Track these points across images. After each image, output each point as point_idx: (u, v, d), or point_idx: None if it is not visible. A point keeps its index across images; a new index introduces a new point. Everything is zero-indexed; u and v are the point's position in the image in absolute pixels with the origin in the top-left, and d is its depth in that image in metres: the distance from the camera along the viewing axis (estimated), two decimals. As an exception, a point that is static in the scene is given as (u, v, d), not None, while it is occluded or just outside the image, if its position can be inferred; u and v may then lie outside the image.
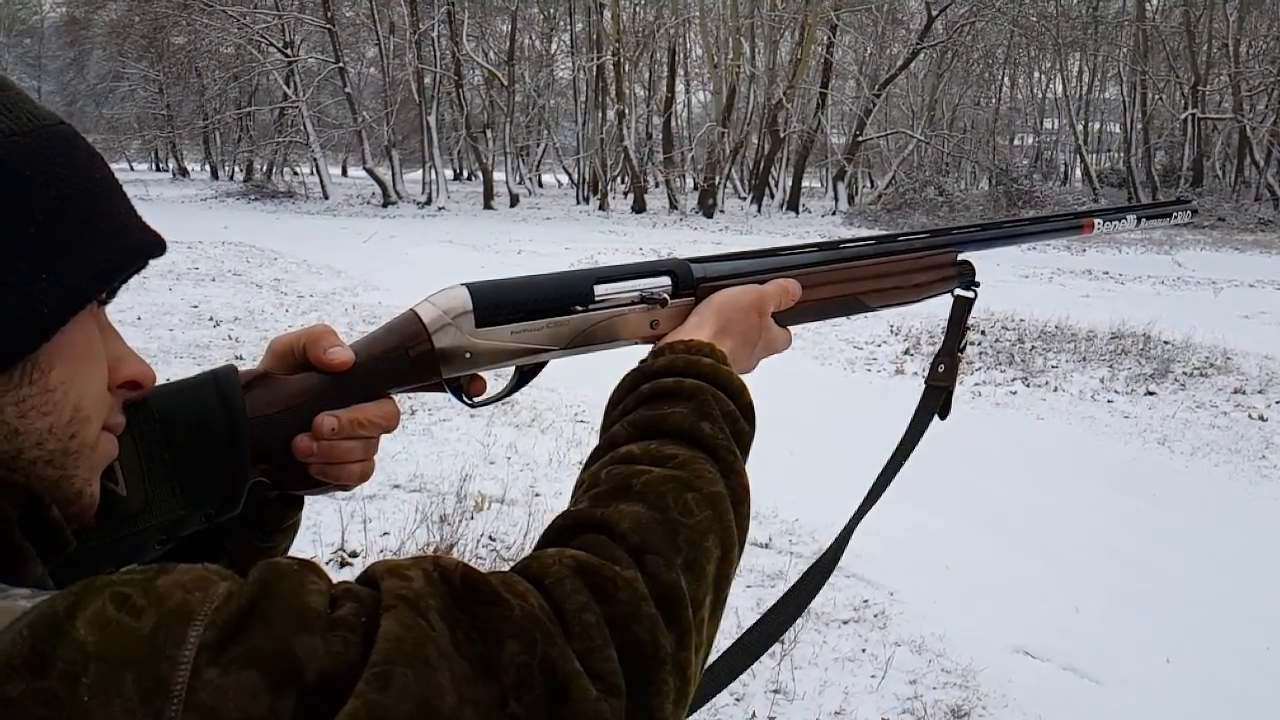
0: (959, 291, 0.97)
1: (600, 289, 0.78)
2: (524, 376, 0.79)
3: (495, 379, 0.78)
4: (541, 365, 0.78)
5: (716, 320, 0.78)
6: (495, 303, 0.73)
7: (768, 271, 0.85)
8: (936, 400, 0.97)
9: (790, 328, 0.87)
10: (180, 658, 0.40)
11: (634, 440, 0.64)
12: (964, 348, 0.97)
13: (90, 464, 0.55)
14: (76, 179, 0.52)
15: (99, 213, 0.53)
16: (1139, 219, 1.08)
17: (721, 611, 0.59)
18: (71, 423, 0.52)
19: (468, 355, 0.73)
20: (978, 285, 0.97)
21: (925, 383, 0.97)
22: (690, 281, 0.81)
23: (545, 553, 0.54)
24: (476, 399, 0.77)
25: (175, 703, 0.39)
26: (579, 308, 0.76)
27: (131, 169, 42.04)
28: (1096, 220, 1.04)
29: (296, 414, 0.66)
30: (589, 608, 0.50)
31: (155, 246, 0.57)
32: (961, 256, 0.96)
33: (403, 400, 0.74)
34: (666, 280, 0.81)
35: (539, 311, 0.75)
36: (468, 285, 0.73)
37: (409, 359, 0.71)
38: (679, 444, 0.63)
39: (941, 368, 0.96)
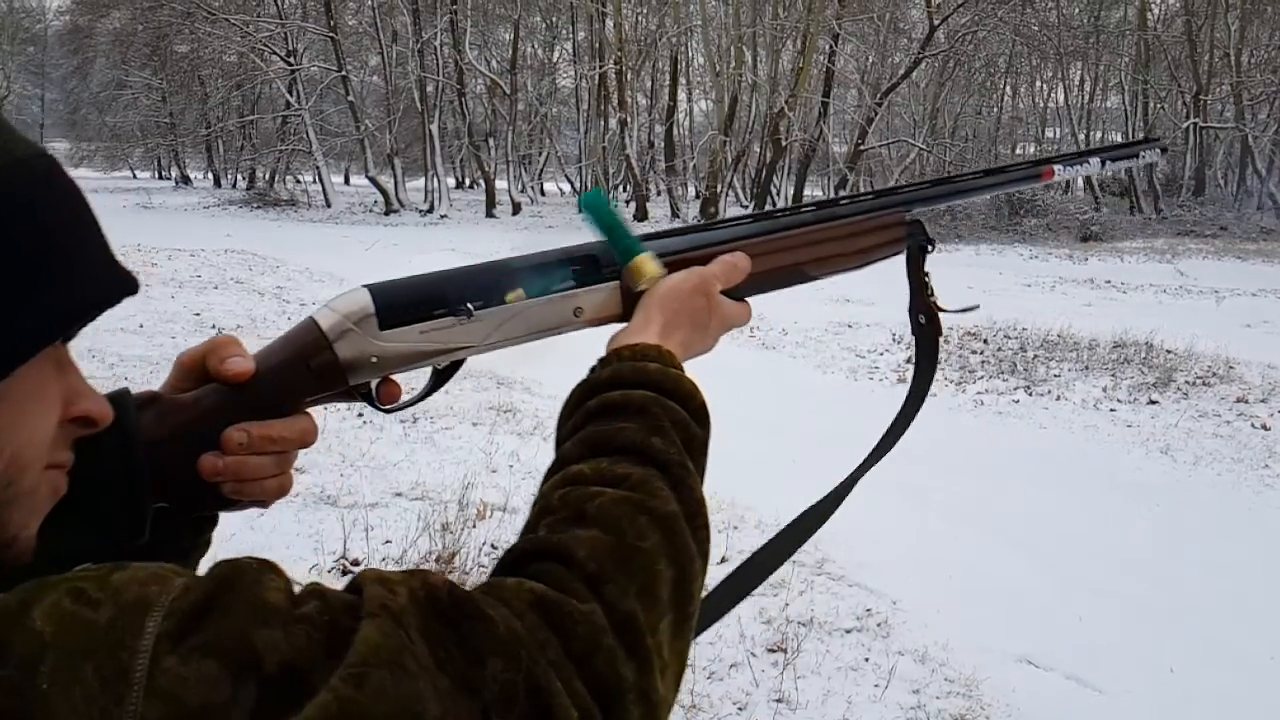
0: (913, 245, 0.93)
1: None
2: (440, 376, 0.76)
3: (415, 380, 0.74)
4: (459, 363, 0.75)
5: (661, 314, 0.75)
6: (400, 303, 0.70)
7: (697, 248, 0.82)
8: (933, 348, 0.94)
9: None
10: (139, 647, 0.41)
11: (585, 459, 0.63)
12: (932, 291, 0.93)
13: (29, 508, 0.52)
14: (49, 215, 0.50)
15: (69, 251, 0.51)
16: (1103, 161, 1.02)
17: (688, 626, 0.59)
18: (8, 471, 0.50)
19: (374, 360, 0.69)
20: (933, 243, 0.92)
21: (913, 334, 0.94)
22: (611, 264, 0.78)
23: (505, 583, 0.53)
24: (390, 405, 0.74)
25: (136, 689, 0.40)
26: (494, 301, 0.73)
27: (134, 177, 42.13)
28: (1057, 166, 0.99)
29: (198, 432, 0.63)
30: (549, 644, 0.50)
31: (125, 286, 0.54)
32: (912, 215, 0.92)
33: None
34: (585, 266, 0.78)
35: (449, 309, 0.72)
36: (369, 286, 0.70)
37: (310, 369, 0.67)
38: (630, 461, 0.62)
39: (922, 319, 0.93)
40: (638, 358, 0.69)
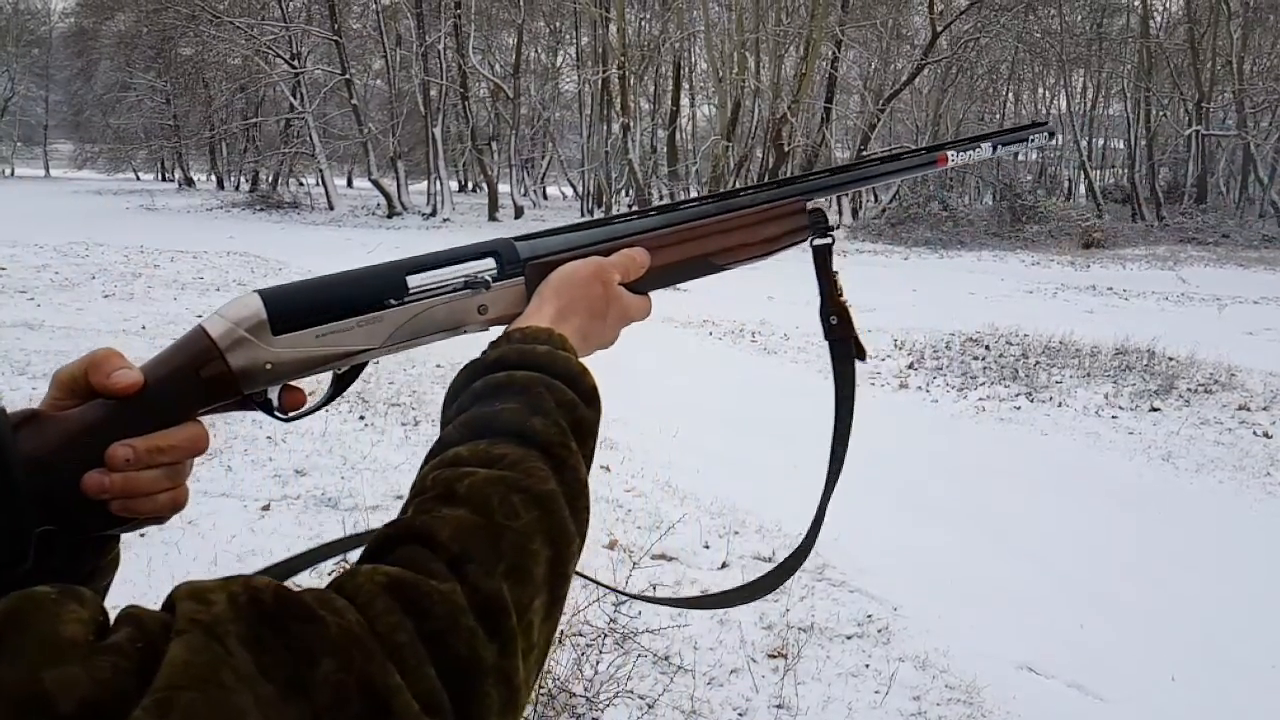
0: (816, 241, 0.92)
1: (414, 279, 0.73)
2: (341, 381, 0.74)
3: (318, 384, 0.73)
4: (361, 367, 0.74)
5: (556, 299, 0.75)
6: (293, 308, 0.69)
7: (601, 242, 0.82)
8: (845, 350, 0.93)
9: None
10: None
11: (465, 441, 0.62)
12: (842, 292, 0.92)
13: None
14: None
15: None
16: (994, 146, 1.03)
17: (559, 609, 0.58)
18: None
19: (269, 367, 0.68)
20: (833, 231, 0.92)
21: (827, 339, 0.92)
22: (516, 260, 0.78)
23: (360, 570, 0.52)
24: (292, 412, 0.72)
25: None
26: (393, 301, 0.72)
27: (138, 179, 42.20)
28: (950, 152, 1.00)
29: (82, 449, 0.61)
30: (401, 627, 0.49)
31: None
32: (811, 205, 0.92)
33: (406, 412, 0.72)
34: (490, 262, 0.77)
35: (346, 311, 0.70)
36: (261, 291, 0.69)
37: (201, 379, 0.65)
38: (510, 442, 0.61)
39: (833, 320, 0.92)
40: (528, 340, 0.69)
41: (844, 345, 0.92)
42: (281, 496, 4.29)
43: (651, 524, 4.23)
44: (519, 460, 0.59)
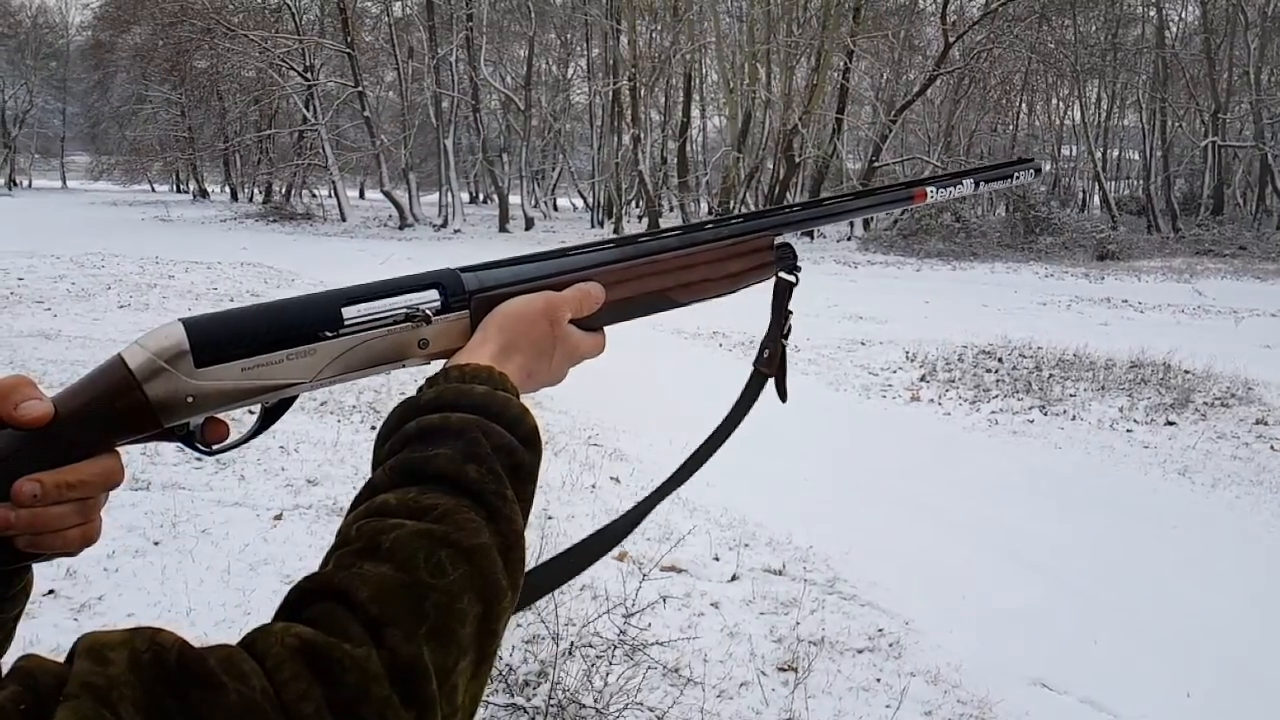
0: (782, 275, 0.89)
1: (350, 311, 0.70)
2: (269, 414, 0.71)
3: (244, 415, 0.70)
4: (290, 400, 0.71)
5: (500, 336, 0.71)
6: (218, 339, 0.65)
7: (552, 275, 0.78)
8: (760, 385, 0.90)
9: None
10: None
11: (394, 488, 0.59)
12: (788, 333, 0.90)
13: None
14: None
15: None
16: (977, 182, 1.00)
17: (488, 666, 0.56)
18: None
19: (190, 400, 0.64)
20: (799, 269, 0.89)
21: (754, 366, 0.90)
22: (461, 293, 0.74)
23: (272, 628, 0.50)
24: (216, 446, 0.69)
25: None
26: (328, 334, 0.69)
27: (153, 190, 42.56)
28: (930, 188, 0.96)
29: None
30: (308, 695, 0.47)
31: None
32: (779, 240, 0.89)
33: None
34: (434, 294, 0.73)
35: (275, 343, 0.67)
36: (184, 320, 0.66)
37: (117, 412, 0.63)
38: (441, 491, 0.58)
39: (766, 353, 0.89)
40: (466, 379, 0.66)
41: (761, 379, 0.90)
42: (294, 506, 4.30)
43: (661, 536, 4.22)
44: (450, 511, 0.57)
